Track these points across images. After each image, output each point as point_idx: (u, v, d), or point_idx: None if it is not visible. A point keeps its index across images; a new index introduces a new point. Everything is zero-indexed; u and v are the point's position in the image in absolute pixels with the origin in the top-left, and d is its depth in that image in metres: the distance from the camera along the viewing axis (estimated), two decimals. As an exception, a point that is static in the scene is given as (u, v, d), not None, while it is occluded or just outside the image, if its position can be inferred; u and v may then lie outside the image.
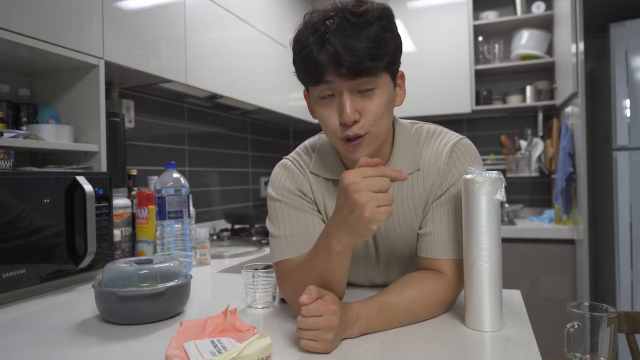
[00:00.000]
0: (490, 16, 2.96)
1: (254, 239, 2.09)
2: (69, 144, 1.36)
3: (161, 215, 1.39)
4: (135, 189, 1.62)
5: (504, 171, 2.93)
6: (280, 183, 0.95)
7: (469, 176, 0.80)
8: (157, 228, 1.40)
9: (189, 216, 1.45)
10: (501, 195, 0.77)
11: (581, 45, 2.20)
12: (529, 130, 2.96)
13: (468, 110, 2.89)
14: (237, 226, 2.40)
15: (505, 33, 3.04)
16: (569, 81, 2.35)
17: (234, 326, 0.78)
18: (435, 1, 2.96)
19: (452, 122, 3.17)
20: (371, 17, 0.76)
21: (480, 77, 3.05)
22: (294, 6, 2.80)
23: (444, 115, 3.00)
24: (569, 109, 2.53)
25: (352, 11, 0.77)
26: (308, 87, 0.85)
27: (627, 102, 2.35)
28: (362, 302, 0.79)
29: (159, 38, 1.69)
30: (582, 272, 2.25)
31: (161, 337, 0.81)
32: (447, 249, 0.87)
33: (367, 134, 0.81)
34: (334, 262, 0.76)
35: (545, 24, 2.88)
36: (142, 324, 0.88)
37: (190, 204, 1.51)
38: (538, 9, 2.85)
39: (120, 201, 1.48)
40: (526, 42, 2.86)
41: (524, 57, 2.89)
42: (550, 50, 2.89)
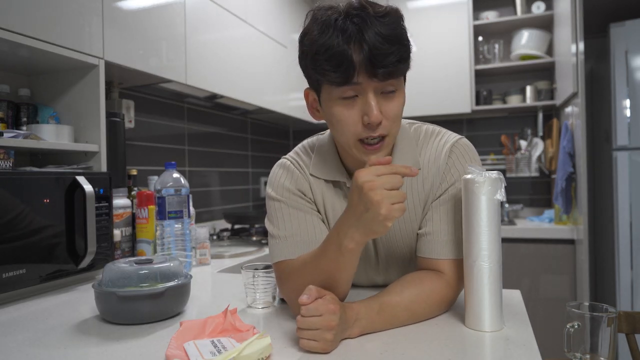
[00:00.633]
0: (490, 16, 2.96)
1: (254, 239, 2.09)
2: (69, 144, 1.36)
3: (161, 215, 1.39)
4: (135, 189, 1.62)
5: (504, 171, 2.93)
6: (280, 183, 0.94)
7: (469, 176, 0.80)
8: (157, 228, 1.40)
9: (189, 216, 1.45)
10: (501, 195, 0.77)
11: (581, 45, 2.20)
12: (529, 130, 2.96)
13: (468, 110, 2.89)
14: (237, 226, 2.41)
15: (505, 33, 3.04)
16: (569, 81, 2.35)
17: (234, 326, 0.78)
18: (435, 1, 2.96)
19: (452, 122, 3.17)
20: (394, 18, 0.77)
21: (480, 77, 3.05)
22: (294, 6, 2.80)
23: (443, 115, 3.00)
24: (569, 109, 2.53)
25: (377, 11, 0.76)
26: (324, 86, 0.81)
27: (627, 102, 2.35)
28: (362, 302, 0.79)
29: (159, 38, 1.69)
30: (582, 272, 2.25)
31: (161, 337, 0.81)
32: (446, 249, 0.87)
33: (387, 135, 0.82)
34: (344, 259, 0.76)
35: (545, 24, 2.88)
36: (142, 324, 0.88)
37: (190, 204, 1.51)
38: (538, 9, 2.85)
39: (120, 201, 1.49)
40: (526, 42, 2.86)
41: (524, 57, 2.89)
42: (550, 50, 2.89)
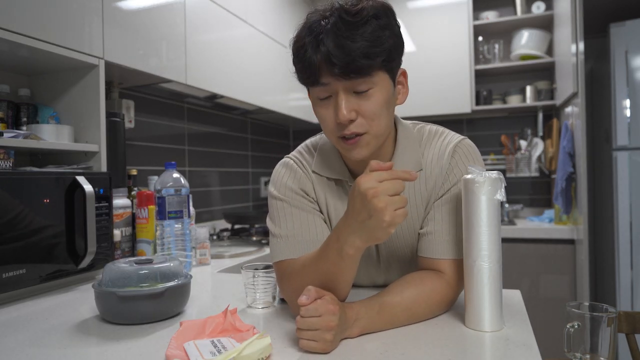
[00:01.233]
0: (490, 16, 2.96)
1: (254, 239, 2.09)
2: (69, 144, 1.36)
3: (161, 215, 1.39)
4: (135, 189, 1.62)
5: (504, 171, 2.93)
6: (283, 182, 0.94)
7: (469, 176, 0.80)
8: (157, 228, 1.40)
9: (189, 216, 1.45)
10: (501, 195, 0.77)
11: (581, 45, 2.20)
12: (529, 130, 2.96)
13: (468, 110, 2.89)
14: (237, 226, 2.41)
15: (505, 33, 3.03)
16: (569, 81, 2.35)
17: (234, 326, 0.78)
18: (435, 1, 2.96)
19: (452, 122, 3.17)
20: (366, 15, 0.76)
21: (480, 77, 3.05)
22: (294, 6, 2.80)
23: (443, 115, 3.00)
24: (569, 109, 2.53)
25: (348, 10, 0.76)
26: (308, 87, 0.85)
27: (627, 102, 2.35)
28: (362, 302, 0.79)
29: (159, 38, 1.69)
30: (582, 272, 2.25)
31: (161, 337, 0.81)
32: (447, 249, 0.87)
33: (366, 133, 0.81)
34: (345, 264, 0.76)
35: (545, 24, 2.88)
36: (142, 324, 0.88)
37: (190, 204, 1.51)
38: (538, 9, 2.85)
39: (120, 201, 1.49)
40: (526, 42, 2.86)
41: (524, 57, 2.89)
42: (550, 50, 2.89)
